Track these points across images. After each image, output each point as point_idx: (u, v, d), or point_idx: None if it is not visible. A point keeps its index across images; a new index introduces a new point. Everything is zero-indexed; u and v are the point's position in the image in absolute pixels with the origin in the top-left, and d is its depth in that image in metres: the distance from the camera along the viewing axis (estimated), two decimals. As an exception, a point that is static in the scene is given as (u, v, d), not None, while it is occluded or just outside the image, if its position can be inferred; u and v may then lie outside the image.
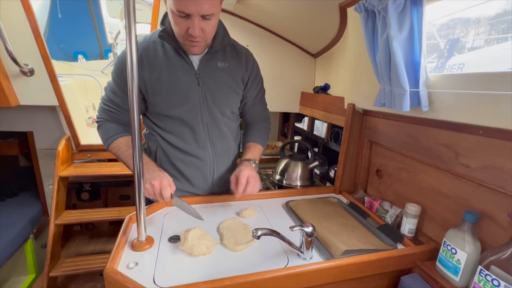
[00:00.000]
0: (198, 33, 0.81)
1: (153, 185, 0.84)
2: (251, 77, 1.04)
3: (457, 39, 1.19)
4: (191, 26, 0.79)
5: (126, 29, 0.61)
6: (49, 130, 1.84)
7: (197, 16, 0.78)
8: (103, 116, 0.99)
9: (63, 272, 1.63)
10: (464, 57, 1.18)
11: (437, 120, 0.86)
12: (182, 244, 0.79)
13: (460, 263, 0.71)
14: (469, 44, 1.36)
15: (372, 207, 1.11)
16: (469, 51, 1.30)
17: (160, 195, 0.85)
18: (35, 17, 1.44)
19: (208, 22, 0.81)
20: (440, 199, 0.89)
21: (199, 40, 0.84)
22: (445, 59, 1.17)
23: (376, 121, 1.18)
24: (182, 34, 0.83)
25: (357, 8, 0.94)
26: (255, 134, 1.14)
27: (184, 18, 0.79)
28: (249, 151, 1.07)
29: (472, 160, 0.78)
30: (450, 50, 1.16)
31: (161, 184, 0.85)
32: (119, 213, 1.80)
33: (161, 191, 0.85)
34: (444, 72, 0.82)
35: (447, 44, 1.17)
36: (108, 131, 0.97)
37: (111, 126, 0.98)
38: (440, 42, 1.19)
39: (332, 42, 1.58)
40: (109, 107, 0.97)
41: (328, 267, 0.74)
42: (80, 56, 3.83)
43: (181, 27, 0.81)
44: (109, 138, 0.96)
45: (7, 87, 1.49)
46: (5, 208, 1.92)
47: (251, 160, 1.03)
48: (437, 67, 1.19)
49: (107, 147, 0.98)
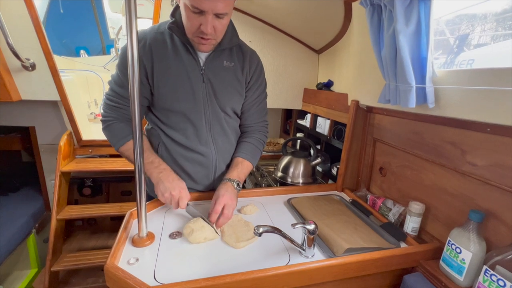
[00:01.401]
0: (210, 31, 0.80)
1: (173, 196, 0.87)
2: (254, 77, 1.03)
3: (467, 35, 1.17)
4: (204, 23, 0.79)
5: (127, 24, 0.60)
6: (51, 125, 1.84)
7: (211, 13, 0.77)
8: (110, 114, 0.95)
9: (65, 267, 1.63)
10: (474, 53, 1.16)
11: (443, 117, 0.84)
12: (186, 230, 0.83)
13: (465, 263, 0.70)
14: (475, 40, 1.33)
15: (375, 205, 1.10)
16: (475, 47, 1.27)
17: (176, 204, 0.89)
18: (37, 11, 1.43)
19: (220, 21, 0.81)
20: (444, 198, 0.88)
21: (210, 38, 0.84)
22: (455, 55, 1.15)
23: (380, 118, 1.16)
24: (193, 30, 0.83)
25: (362, 2, 0.92)
26: (246, 149, 1.06)
27: (197, 14, 0.78)
28: (235, 168, 1.00)
29: (478, 158, 0.76)
30: (459, 46, 1.14)
31: (180, 194, 0.88)
32: (121, 209, 1.80)
33: (178, 201, 0.88)
34: (453, 68, 0.80)
35: (457, 40, 1.15)
36: (119, 133, 0.94)
37: (121, 126, 0.95)
38: (450, 38, 1.17)
39: (336, 38, 1.56)
40: (116, 102, 0.94)
41: (330, 265, 0.74)
42: (82, 51, 3.83)
43: (194, 23, 0.80)
44: (120, 140, 0.94)
45: (8, 82, 1.48)
46: (8, 202, 1.93)
47: (234, 182, 0.95)
48: (446, 63, 1.16)
49: (117, 149, 0.96)
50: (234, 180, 0.96)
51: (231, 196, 0.89)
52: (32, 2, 1.40)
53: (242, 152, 1.05)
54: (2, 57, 1.45)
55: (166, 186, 0.87)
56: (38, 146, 1.88)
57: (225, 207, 0.86)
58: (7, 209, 1.84)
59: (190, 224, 0.83)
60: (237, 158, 1.04)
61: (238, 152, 1.06)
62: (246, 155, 1.05)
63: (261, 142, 1.12)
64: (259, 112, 1.10)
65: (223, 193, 0.89)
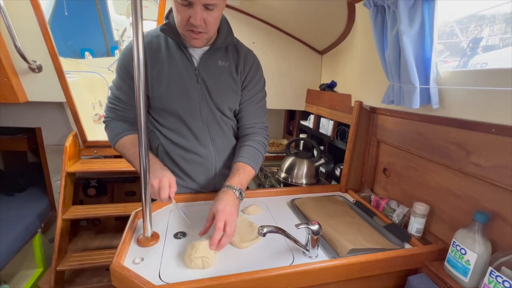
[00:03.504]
0: (199, 23, 0.79)
1: (153, 186, 0.80)
2: (249, 75, 1.01)
3: (480, 38, 1.15)
4: (193, 15, 0.78)
5: (133, 26, 0.61)
6: (57, 126, 1.86)
7: (199, 4, 0.77)
8: (109, 115, 0.99)
9: (70, 267, 1.65)
10: (486, 56, 1.14)
11: (447, 118, 0.84)
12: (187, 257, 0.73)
13: (470, 264, 0.70)
14: (483, 42, 1.31)
15: (379, 206, 1.10)
16: (483, 49, 1.25)
17: (158, 196, 0.82)
18: (43, 14, 1.46)
19: (210, 13, 0.80)
20: (449, 199, 0.87)
21: (201, 31, 0.82)
22: (468, 57, 1.13)
23: (384, 119, 1.16)
24: (183, 24, 0.81)
25: (366, 3, 0.92)
26: (247, 153, 0.98)
27: (186, 7, 0.78)
28: (236, 174, 0.91)
29: (483, 159, 0.76)
30: (473, 48, 1.13)
31: (160, 183, 0.81)
32: (125, 209, 1.81)
33: (159, 191, 0.81)
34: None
35: (470, 43, 1.14)
36: (114, 130, 0.96)
37: (118, 124, 0.97)
38: (463, 41, 1.16)
39: (339, 39, 1.56)
40: (115, 105, 0.97)
41: (334, 265, 0.74)
42: (87, 53, 3.86)
43: (183, 16, 0.80)
44: (115, 136, 0.95)
45: (16, 84, 1.51)
46: (14, 203, 1.96)
47: (236, 190, 0.85)
48: (459, 66, 1.15)
49: (113, 146, 0.97)
50: (236, 188, 0.86)
51: (231, 210, 0.79)
52: (39, 5, 1.42)
53: (243, 156, 0.97)
54: (10, 60, 1.47)
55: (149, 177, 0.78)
56: (44, 147, 1.90)
57: (226, 225, 0.75)
58: (13, 209, 1.86)
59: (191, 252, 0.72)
60: (238, 163, 0.95)
61: (239, 156, 0.97)
62: (247, 159, 0.96)
63: (263, 145, 1.05)
64: (256, 111, 1.06)
65: (222, 208, 0.78)
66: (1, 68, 1.42)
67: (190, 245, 0.74)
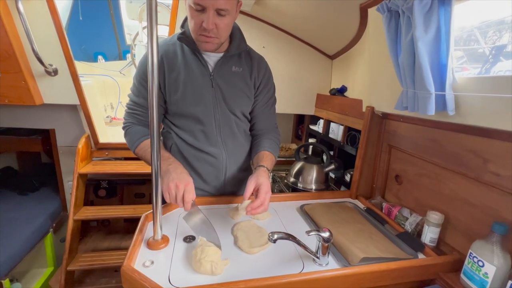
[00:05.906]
0: (211, 27, 0.83)
1: (178, 187, 0.80)
2: (263, 82, 1.05)
3: (504, 45, 1.12)
4: (205, 20, 0.81)
5: (148, 30, 0.63)
6: (70, 128, 1.90)
7: (212, 9, 0.80)
8: (129, 120, 1.01)
9: (80, 267, 1.67)
10: (509, 63, 1.09)
11: (464, 125, 0.82)
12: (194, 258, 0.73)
13: (488, 277, 0.67)
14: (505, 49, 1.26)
15: (391, 214, 1.08)
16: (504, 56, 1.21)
17: (181, 199, 0.81)
18: (60, 19, 1.50)
19: (222, 19, 0.84)
20: (465, 208, 0.85)
21: (212, 36, 0.86)
22: (491, 65, 1.10)
23: (397, 125, 1.14)
24: (197, 29, 0.85)
25: (379, 8, 0.92)
26: (268, 143, 1.07)
27: (199, 12, 0.82)
28: (264, 158, 1.00)
29: (502, 168, 0.73)
30: (495, 55, 1.09)
31: (186, 187, 0.82)
32: (134, 211, 1.83)
33: (184, 195, 0.81)
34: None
35: (493, 50, 1.10)
36: (135, 135, 0.98)
37: (137, 129, 0.99)
38: (485, 48, 1.12)
39: (351, 44, 1.55)
40: (134, 110, 1.00)
41: (345, 274, 0.72)
42: (100, 56, 3.95)
43: (196, 21, 0.84)
44: (136, 141, 0.97)
45: (32, 87, 1.55)
46: (27, 202, 2.00)
47: (270, 172, 0.97)
48: (481, 73, 1.12)
49: (133, 151, 0.98)
50: (270, 170, 0.97)
51: (269, 184, 0.89)
52: (56, 10, 1.46)
53: (266, 146, 1.05)
54: (28, 63, 1.52)
55: (173, 177, 0.82)
56: (57, 148, 1.94)
57: (266, 199, 0.85)
58: (26, 208, 1.91)
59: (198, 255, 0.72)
60: (263, 151, 1.03)
61: (262, 146, 1.05)
62: (271, 149, 1.05)
63: (278, 141, 1.13)
64: (270, 116, 1.14)
65: (266, 183, 0.87)
66: (19, 72, 1.47)
67: (199, 249, 0.73)
